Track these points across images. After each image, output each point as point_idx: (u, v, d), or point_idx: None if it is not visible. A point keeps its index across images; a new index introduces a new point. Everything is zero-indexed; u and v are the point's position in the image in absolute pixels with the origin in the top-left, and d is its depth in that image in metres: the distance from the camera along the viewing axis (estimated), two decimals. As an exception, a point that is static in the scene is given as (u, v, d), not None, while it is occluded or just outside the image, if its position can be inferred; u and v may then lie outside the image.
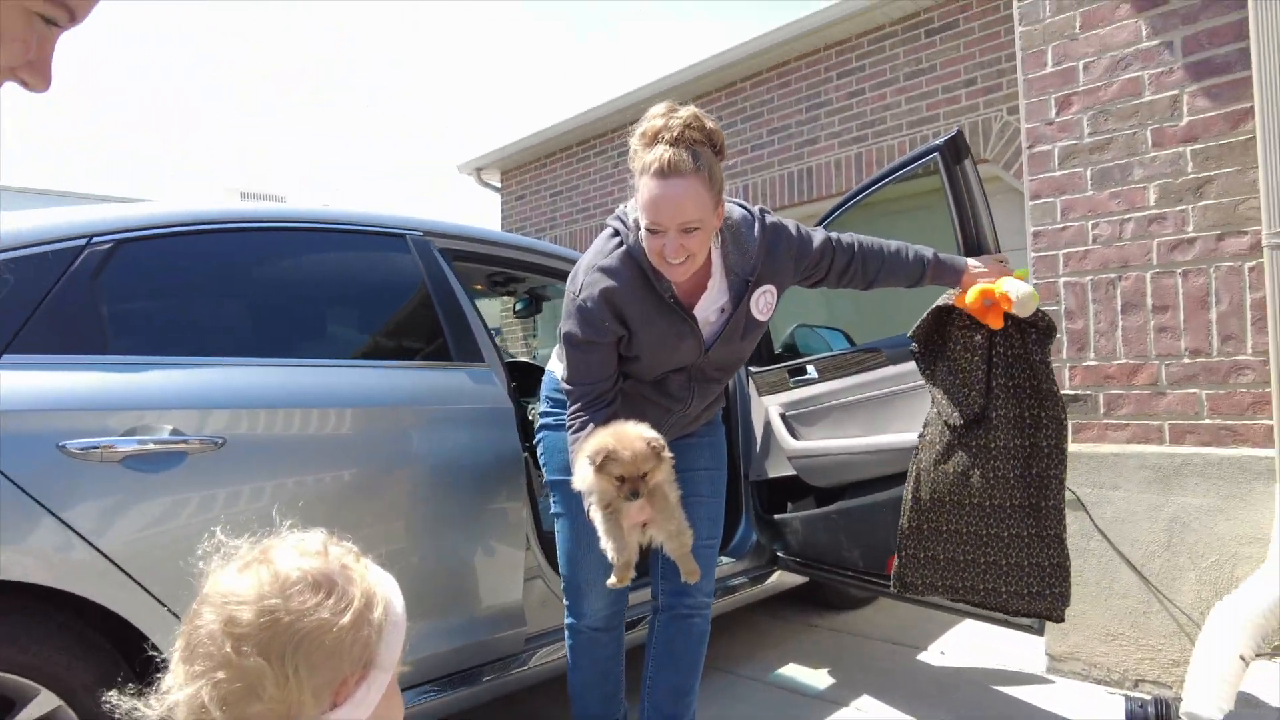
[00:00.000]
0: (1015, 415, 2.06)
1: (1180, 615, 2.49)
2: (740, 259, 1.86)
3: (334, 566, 0.76)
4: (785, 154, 6.44)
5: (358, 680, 0.74)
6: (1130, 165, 2.68)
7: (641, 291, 1.79)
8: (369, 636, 0.74)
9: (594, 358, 1.83)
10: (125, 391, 1.74)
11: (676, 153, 1.66)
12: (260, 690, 0.67)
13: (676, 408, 1.96)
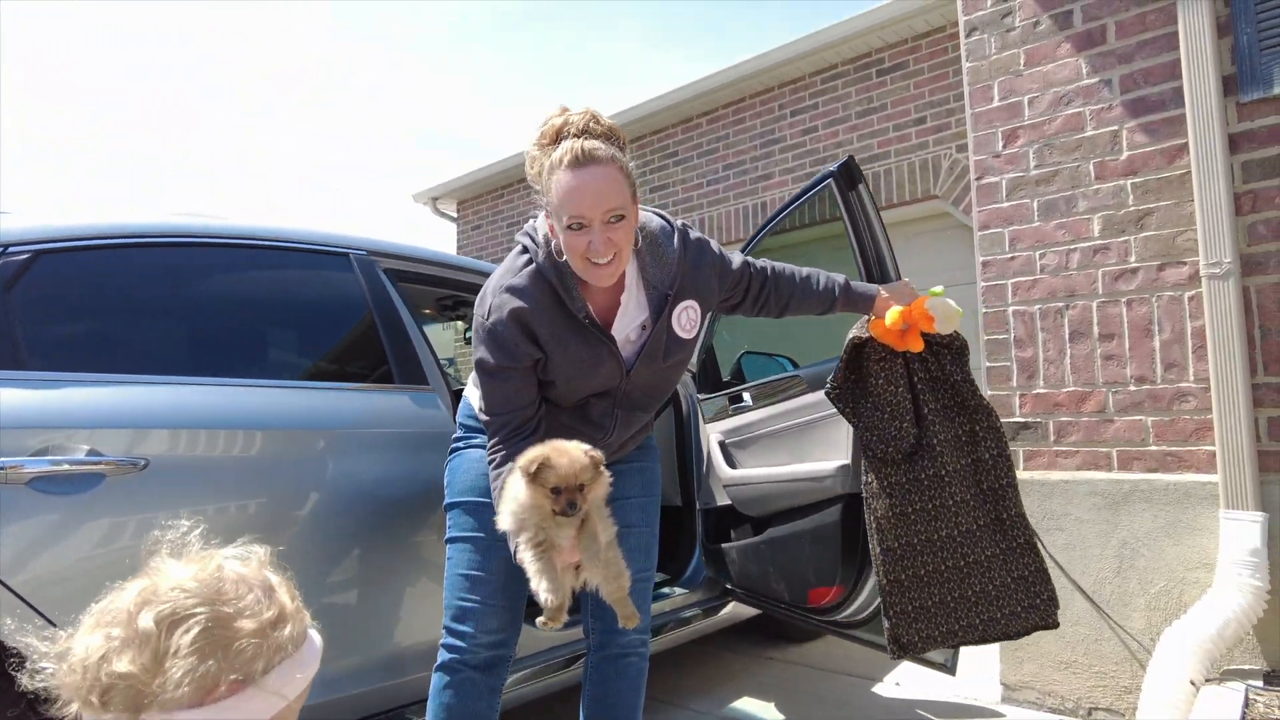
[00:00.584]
0: (953, 436, 2.05)
1: (1132, 642, 2.49)
2: (659, 271, 1.74)
3: (261, 577, 0.77)
4: (740, 188, 6.50)
5: (231, 689, 0.71)
6: (1075, 197, 2.74)
7: (553, 311, 1.67)
8: (260, 650, 0.72)
9: (510, 385, 1.68)
10: (38, 409, 1.64)
11: (588, 140, 1.57)
12: (138, 654, 0.67)
13: (598, 436, 1.79)
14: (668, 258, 1.75)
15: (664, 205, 7.06)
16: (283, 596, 0.78)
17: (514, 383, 1.68)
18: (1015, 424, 2.81)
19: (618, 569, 1.59)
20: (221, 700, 0.70)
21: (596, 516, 1.55)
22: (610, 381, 1.75)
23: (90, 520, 1.61)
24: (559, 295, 1.66)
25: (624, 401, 1.80)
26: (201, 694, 0.68)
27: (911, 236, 5.76)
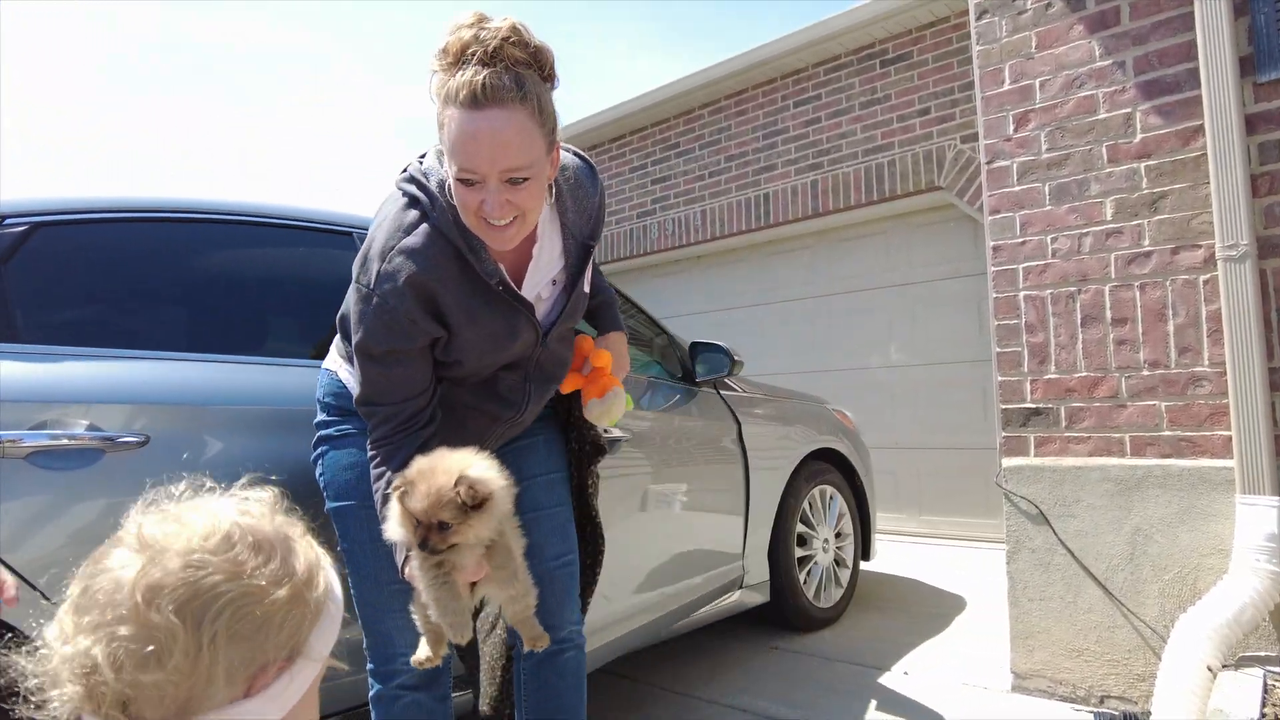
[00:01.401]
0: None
1: (1145, 629, 2.46)
2: (579, 217, 1.51)
3: (279, 531, 0.66)
4: (742, 180, 6.47)
5: (279, 669, 0.61)
6: (1087, 180, 2.71)
7: (459, 278, 1.38)
8: (303, 617, 0.63)
9: (399, 371, 1.39)
10: (37, 383, 1.60)
11: (493, 74, 1.23)
12: (165, 656, 0.54)
13: (507, 415, 1.57)
14: (589, 201, 1.53)
15: (665, 197, 7.02)
16: (303, 548, 0.67)
17: (405, 368, 1.40)
18: (1026, 410, 2.78)
19: (525, 585, 1.37)
20: (274, 682, 0.61)
21: (509, 530, 1.31)
22: (524, 352, 1.52)
23: (90, 496, 1.57)
24: (464, 257, 1.37)
25: (536, 373, 1.57)
26: (250, 681, 0.60)
27: (915, 228, 5.73)
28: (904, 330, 5.76)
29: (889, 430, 5.71)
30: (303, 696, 0.64)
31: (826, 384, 6.00)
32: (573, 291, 1.54)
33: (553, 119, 1.33)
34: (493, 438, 1.59)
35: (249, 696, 0.59)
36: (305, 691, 0.64)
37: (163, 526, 0.61)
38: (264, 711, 0.60)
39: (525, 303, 1.46)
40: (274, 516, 0.67)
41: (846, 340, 6.06)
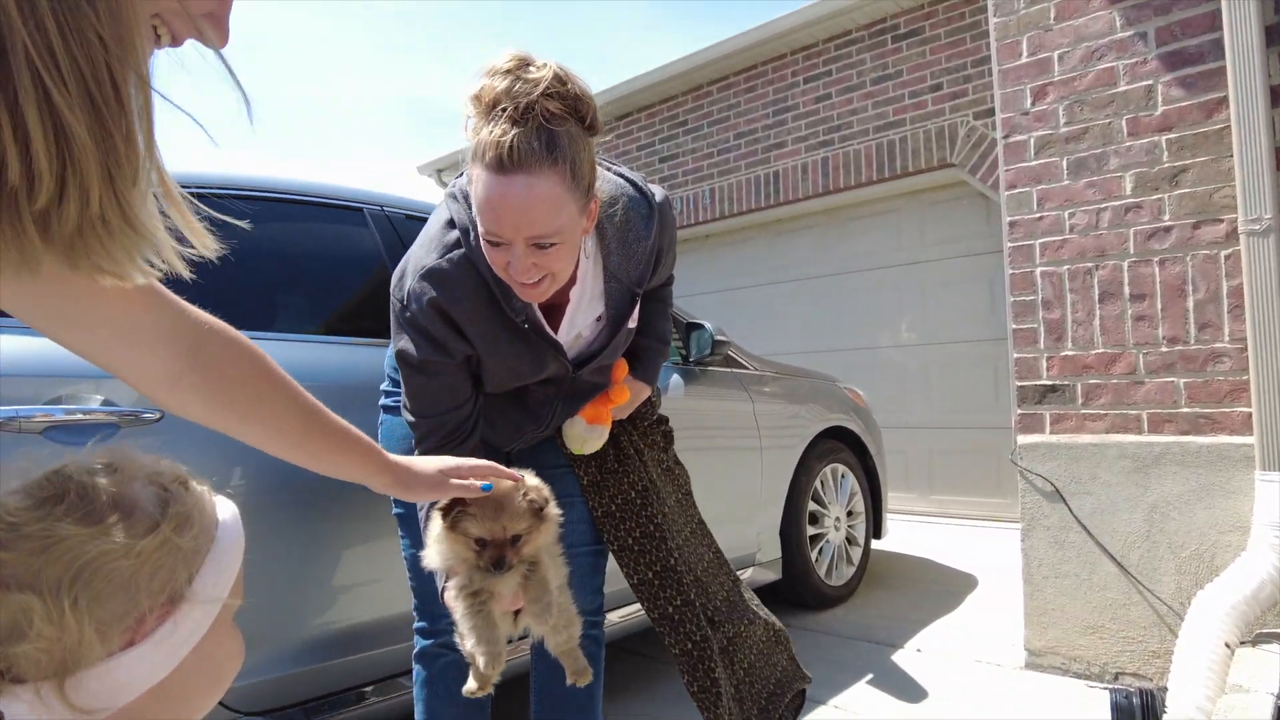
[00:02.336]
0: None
1: (1161, 606, 2.45)
2: (625, 261, 1.42)
3: (133, 485, 0.62)
4: (751, 158, 6.41)
5: (160, 617, 0.61)
6: (1106, 154, 2.67)
7: (486, 311, 1.35)
8: (175, 564, 0.62)
9: (439, 382, 1.38)
10: (52, 358, 1.58)
11: (522, 134, 1.15)
12: (25, 627, 0.54)
13: (529, 428, 1.55)
14: (639, 245, 1.43)
15: (673, 176, 6.97)
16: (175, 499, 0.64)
17: (444, 379, 1.38)
18: (1042, 387, 2.76)
19: (568, 616, 1.32)
20: (155, 630, 0.60)
21: (547, 559, 1.26)
22: (555, 375, 1.50)
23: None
24: (493, 293, 1.34)
25: (569, 392, 1.55)
26: (129, 634, 0.59)
27: (927, 206, 5.68)
28: (915, 309, 5.73)
29: (899, 410, 5.69)
30: (205, 636, 0.64)
31: (836, 363, 5.97)
32: (616, 333, 1.48)
33: (589, 176, 1.25)
34: (520, 442, 1.59)
35: (131, 646, 0.59)
36: (205, 633, 0.64)
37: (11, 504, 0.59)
38: (151, 658, 0.60)
39: (554, 342, 1.43)
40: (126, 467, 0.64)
41: (857, 319, 6.02)
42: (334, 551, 1.89)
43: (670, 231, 1.52)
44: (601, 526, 1.63)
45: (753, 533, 3.11)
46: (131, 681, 0.60)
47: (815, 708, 2.46)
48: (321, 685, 1.85)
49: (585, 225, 1.29)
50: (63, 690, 0.56)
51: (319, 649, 1.85)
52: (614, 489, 1.64)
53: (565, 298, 1.43)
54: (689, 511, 1.79)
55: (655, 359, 1.70)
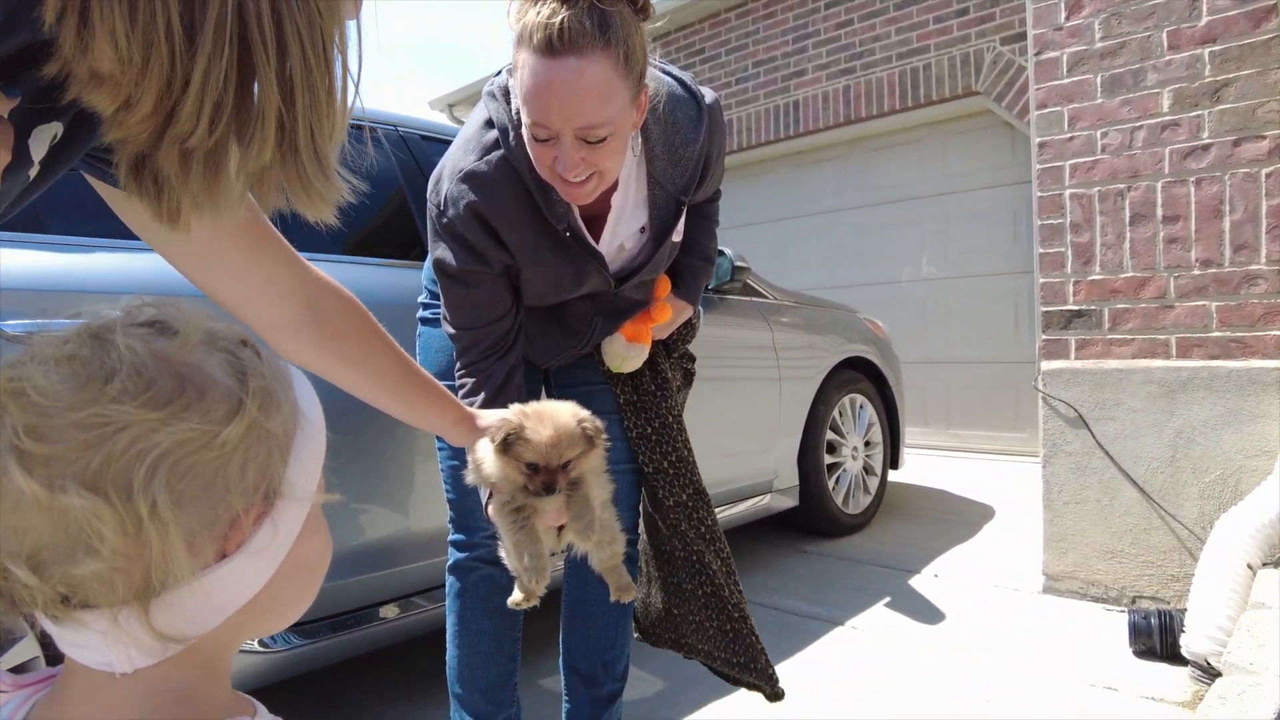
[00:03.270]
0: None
1: (1182, 530, 2.45)
2: (671, 167, 1.35)
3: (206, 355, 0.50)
4: (770, 87, 6.25)
5: (257, 518, 0.50)
6: (1143, 70, 2.56)
7: (525, 215, 1.29)
8: (269, 451, 0.50)
9: (479, 293, 1.33)
10: (70, 273, 1.58)
11: (574, 14, 1.07)
12: (93, 540, 0.43)
13: (568, 344, 1.52)
14: (687, 150, 1.35)
15: (690, 107, 6.81)
16: (252, 371, 0.52)
17: (483, 290, 1.34)
18: (1068, 312, 2.71)
19: (611, 533, 1.33)
20: (255, 535, 0.50)
21: (591, 478, 1.25)
22: (595, 294, 1.47)
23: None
24: (532, 196, 1.28)
25: (609, 309, 1.51)
26: (221, 542, 0.49)
27: (950, 136, 5.53)
28: (937, 242, 5.63)
29: (919, 344, 5.64)
30: (299, 539, 0.54)
31: (856, 298, 5.90)
32: (660, 245, 1.41)
33: (641, 63, 1.16)
34: (559, 359, 1.58)
35: (226, 557, 0.49)
36: (300, 534, 0.54)
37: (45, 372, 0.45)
38: (250, 569, 0.50)
39: (595, 253, 1.37)
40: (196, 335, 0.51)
41: (877, 253, 5.93)
42: (357, 470, 1.90)
43: (720, 138, 1.44)
44: (637, 449, 1.60)
45: (770, 461, 3.11)
46: (227, 599, 0.50)
47: (832, 628, 2.49)
48: (343, 602, 1.88)
49: (635, 119, 1.22)
50: (147, 615, 0.46)
51: (342, 566, 1.87)
52: (652, 412, 1.61)
53: (607, 205, 1.37)
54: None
55: (699, 278, 1.65)
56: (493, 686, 1.55)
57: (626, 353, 1.56)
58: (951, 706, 1.97)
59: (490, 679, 1.55)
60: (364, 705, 2.10)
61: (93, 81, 0.51)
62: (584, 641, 1.65)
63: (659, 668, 2.24)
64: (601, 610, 1.64)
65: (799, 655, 2.32)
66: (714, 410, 2.81)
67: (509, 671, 1.58)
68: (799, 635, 2.45)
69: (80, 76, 0.51)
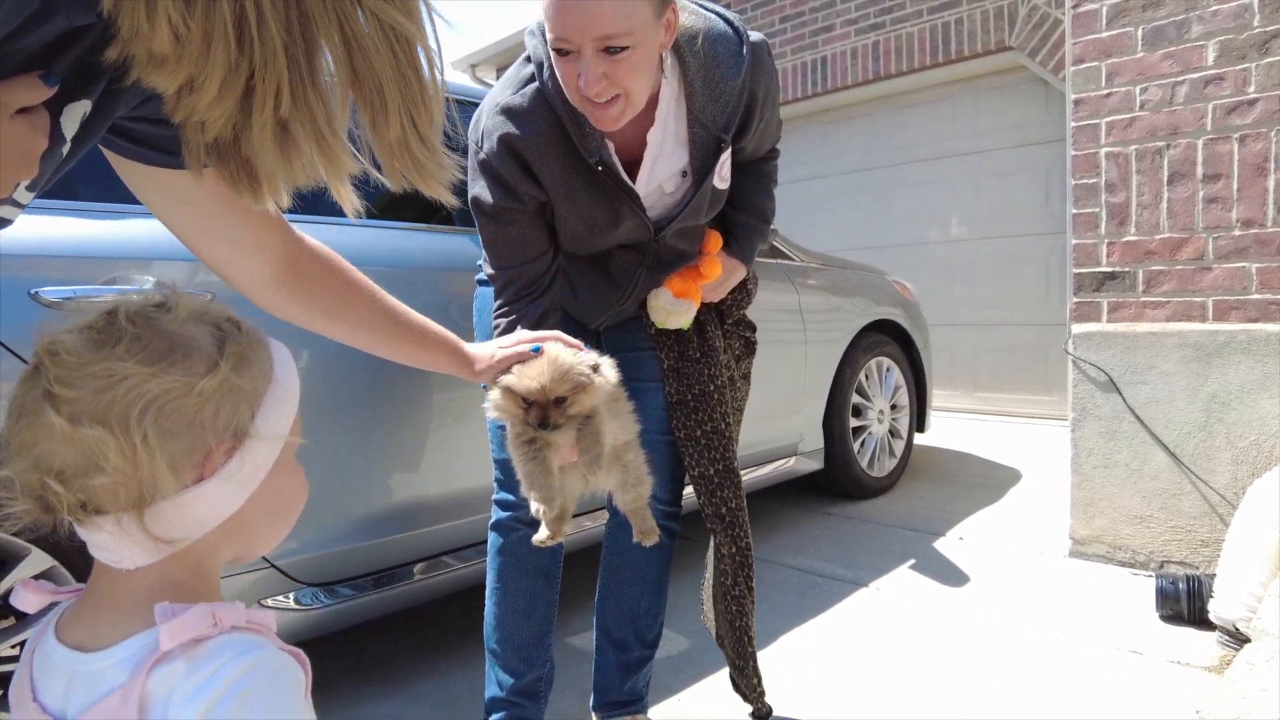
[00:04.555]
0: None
1: (1214, 495, 2.42)
2: (711, 103, 1.32)
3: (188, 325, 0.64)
4: (798, 42, 6.11)
5: (227, 452, 0.63)
6: (1188, 21, 2.47)
7: (559, 149, 1.30)
8: (238, 402, 0.64)
9: (514, 231, 1.35)
10: (104, 239, 1.60)
11: None
12: (100, 461, 0.57)
13: (612, 297, 1.51)
14: (728, 85, 1.33)
15: (715, 65, 6.69)
16: (231, 340, 0.65)
17: (518, 228, 1.36)
18: (1101, 274, 2.66)
19: (637, 475, 1.34)
20: (223, 466, 0.63)
21: (605, 413, 1.26)
22: (635, 237, 1.45)
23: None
24: (565, 130, 1.29)
25: (653, 260, 1.49)
26: (197, 469, 0.62)
27: (983, 93, 5.40)
28: (967, 202, 5.53)
29: (946, 307, 5.58)
30: (272, 472, 0.67)
31: (885, 259, 5.84)
32: (700, 186, 1.38)
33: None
34: (607, 317, 1.57)
35: (202, 481, 0.62)
36: (270, 468, 0.67)
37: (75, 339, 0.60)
38: (223, 492, 0.64)
39: (629, 190, 1.35)
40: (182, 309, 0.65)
41: (906, 213, 5.84)
42: (394, 431, 1.93)
43: (768, 79, 1.39)
44: (672, 414, 1.58)
45: (796, 424, 3.11)
46: (205, 514, 0.63)
47: (856, 590, 2.51)
48: (381, 560, 1.92)
49: (663, 39, 1.22)
50: (141, 520, 0.60)
51: (375, 525, 1.91)
52: (693, 378, 1.58)
53: (643, 144, 1.36)
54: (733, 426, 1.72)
55: (753, 237, 1.61)
56: (526, 645, 1.57)
57: (672, 307, 1.52)
58: (975, 668, 1.98)
59: (524, 637, 1.57)
60: (391, 665, 2.16)
61: (152, 63, 0.55)
62: (617, 606, 1.67)
63: (684, 625, 2.27)
64: (637, 577, 1.66)
65: (821, 616, 2.34)
66: (739, 373, 2.81)
67: (544, 632, 1.59)
68: (822, 596, 2.47)
69: (140, 59, 0.55)
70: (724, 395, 1.60)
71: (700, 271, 1.53)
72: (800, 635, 2.22)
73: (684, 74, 1.32)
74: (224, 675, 0.57)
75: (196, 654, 0.58)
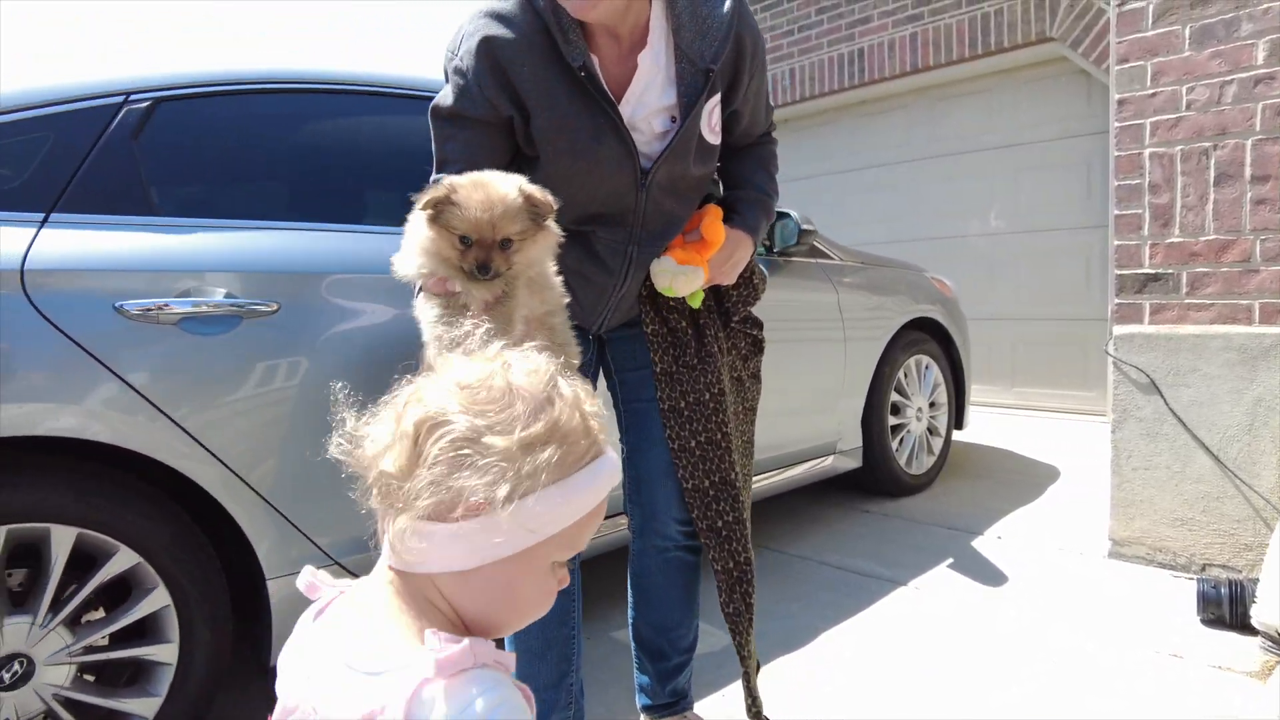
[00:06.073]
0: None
1: (1258, 500, 2.41)
2: (698, 37, 1.33)
3: (542, 393, 0.69)
4: (835, 34, 6.08)
5: (467, 512, 0.64)
6: (1238, 19, 2.45)
7: (542, 53, 1.28)
8: (502, 475, 0.64)
9: (465, 135, 1.32)
10: (178, 253, 1.68)
11: None
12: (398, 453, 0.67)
13: (608, 283, 1.46)
14: (715, 17, 1.33)
15: (751, 57, 6.68)
16: (558, 415, 0.68)
17: (471, 134, 1.32)
18: (1143, 275, 2.65)
19: (563, 339, 1.26)
20: (459, 521, 0.65)
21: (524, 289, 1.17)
22: (620, 182, 1.38)
23: (230, 358, 1.67)
24: (550, 33, 1.28)
25: (641, 231, 1.43)
26: (441, 509, 0.64)
27: (1022, 84, 5.34)
28: (1006, 195, 5.48)
29: (985, 301, 5.54)
30: (514, 561, 0.66)
31: (921, 253, 5.80)
32: (687, 118, 1.35)
33: None
34: (602, 311, 1.51)
35: (437, 521, 0.65)
36: (511, 555, 0.66)
37: (455, 359, 0.72)
38: (452, 545, 0.65)
39: (610, 102, 1.31)
40: (548, 380, 0.71)
41: (944, 206, 5.80)
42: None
43: (754, 32, 1.40)
44: (666, 422, 1.53)
45: (834, 422, 3.14)
46: (437, 555, 0.66)
47: (894, 589, 2.55)
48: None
49: None
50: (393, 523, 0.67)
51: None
52: (689, 384, 1.53)
53: (633, 70, 1.35)
54: (745, 428, 1.67)
55: (756, 210, 1.55)
56: (545, 687, 1.53)
57: (677, 270, 1.44)
58: (1014, 670, 2.02)
59: (544, 678, 1.52)
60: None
61: None
62: (649, 621, 1.67)
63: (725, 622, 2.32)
64: (667, 597, 1.65)
65: (861, 614, 2.38)
66: (779, 373, 2.85)
67: (563, 672, 1.54)
68: (861, 594, 2.51)
69: None
70: (721, 404, 1.53)
71: (704, 238, 1.46)
72: (839, 634, 2.26)
73: (671, 9, 1.33)
74: (478, 706, 0.60)
75: (455, 683, 0.61)
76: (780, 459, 2.91)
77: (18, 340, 1.46)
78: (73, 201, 1.63)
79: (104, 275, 1.57)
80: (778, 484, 2.92)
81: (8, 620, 1.47)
